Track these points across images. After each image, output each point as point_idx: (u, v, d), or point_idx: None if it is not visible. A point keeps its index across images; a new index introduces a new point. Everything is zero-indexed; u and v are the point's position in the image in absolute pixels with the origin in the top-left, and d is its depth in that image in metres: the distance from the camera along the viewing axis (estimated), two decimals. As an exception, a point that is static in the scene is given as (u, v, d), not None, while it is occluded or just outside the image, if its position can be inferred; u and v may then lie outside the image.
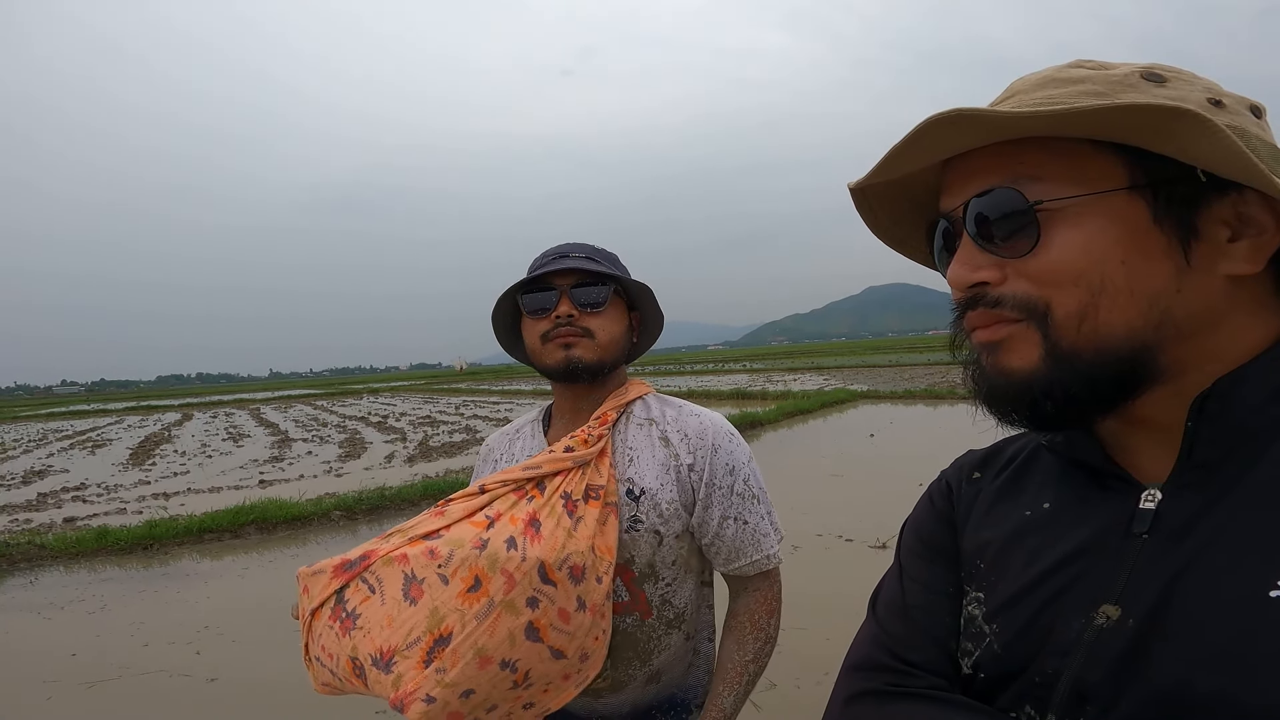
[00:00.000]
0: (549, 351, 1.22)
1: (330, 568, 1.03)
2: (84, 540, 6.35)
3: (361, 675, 0.97)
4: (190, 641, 4.19)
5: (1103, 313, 0.49)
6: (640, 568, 1.19)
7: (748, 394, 18.25)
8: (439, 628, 0.95)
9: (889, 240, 0.64)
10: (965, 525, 0.65)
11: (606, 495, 1.15)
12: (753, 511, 1.22)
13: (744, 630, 1.22)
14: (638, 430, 1.25)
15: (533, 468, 1.15)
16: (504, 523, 1.06)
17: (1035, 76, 0.53)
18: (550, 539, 1.06)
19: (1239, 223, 0.49)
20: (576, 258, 1.23)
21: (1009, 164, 0.51)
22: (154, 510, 7.88)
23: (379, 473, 9.68)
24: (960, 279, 0.53)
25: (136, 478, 10.79)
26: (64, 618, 4.80)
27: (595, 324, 1.22)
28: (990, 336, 0.53)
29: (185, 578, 5.59)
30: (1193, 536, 0.48)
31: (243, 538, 6.60)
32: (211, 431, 18.80)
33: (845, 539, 5.21)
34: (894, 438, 10.01)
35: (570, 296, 1.21)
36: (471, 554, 1.00)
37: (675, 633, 1.24)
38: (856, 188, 0.59)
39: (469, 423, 16.20)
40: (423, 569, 0.99)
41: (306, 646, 1.05)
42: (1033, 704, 0.52)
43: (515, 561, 1.01)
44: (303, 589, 1.06)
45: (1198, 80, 0.51)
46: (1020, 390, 0.52)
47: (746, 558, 1.21)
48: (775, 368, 35.64)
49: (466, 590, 0.98)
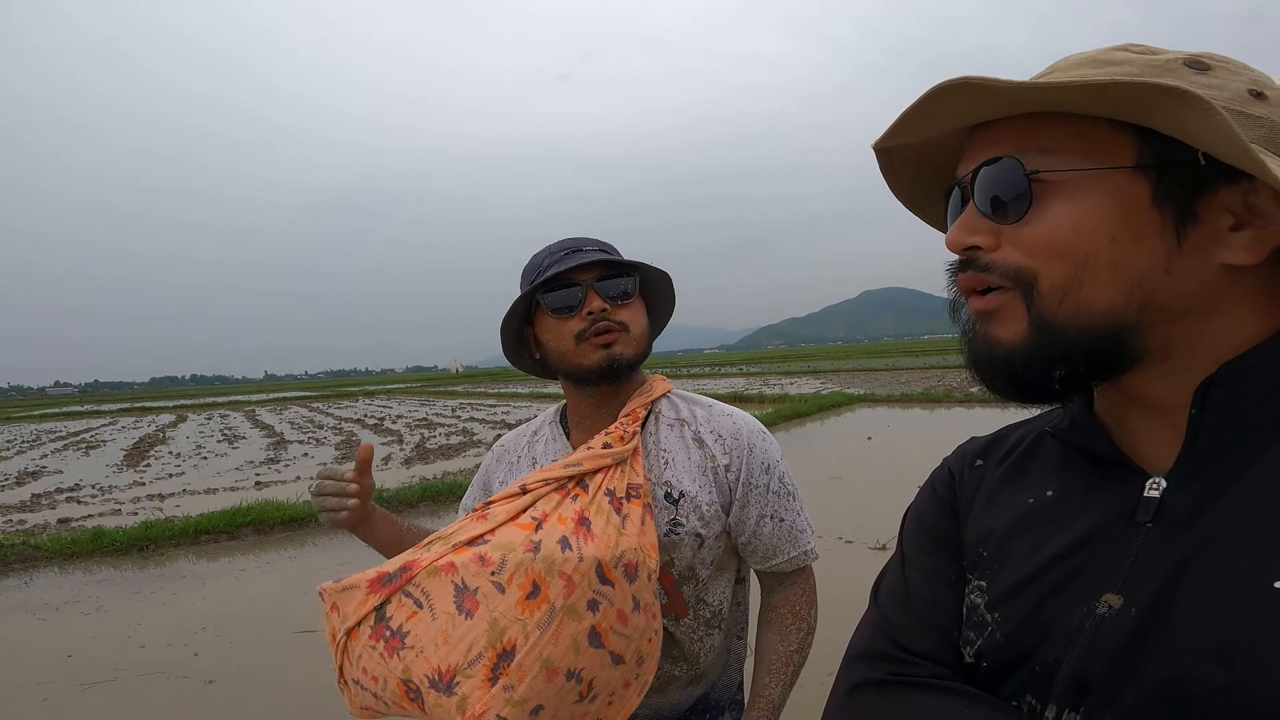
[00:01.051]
0: (584, 352, 1.15)
1: (365, 583, 0.95)
2: (79, 541, 6.31)
3: (418, 699, 0.89)
4: (187, 643, 4.17)
5: (1085, 288, 0.49)
6: (680, 570, 1.16)
7: (745, 397, 18.23)
8: (501, 641, 0.88)
9: (907, 202, 0.65)
10: (968, 513, 0.65)
11: (644, 495, 1.11)
12: (788, 509, 1.20)
13: (785, 621, 1.19)
14: (669, 431, 1.21)
15: (573, 464, 1.10)
16: (553, 523, 1.00)
17: (1079, 56, 0.53)
18: (603, 537, 1.00)
19: (1246, 212, 0.48)
20: (591, 251, 1.18)
21: (1025, 136, 0.52)
22: (149, 511, 7.85)
23: (376, 475, 9.51)
24: (956, 241, 0.54)
25: (131, 479, 10.74)
26: (59, 619, 4.77)
27: (628, 316, 1.18)
28: (984, 306, 0.54)
29: (182, 579, 5.56)
30: (1197, 526, 0.48)
31: (239, 539, 6.57)
32: (206, 433, 18.71)
33: (845, 541, 5.22)
34: (892, 440, 10.01)
35: (597, 290, 1.16)
36: (526, 557, 0.93)
37: (715, 632, 1.22)
38: (880, 148, 0.60)
39: (466, 425, 16.16)
40: (474, 578, 0.92)
41: (341, 669, 0.97)
42: (1034, 693, 0.51)
43: (573, 562, 0.95)
44: (330, 607, 0.97)
45: (1246, 71, 0.50)
46: (1001, 360, 0.52)
47: (784, 554, 1.19)
48: (772, 371, 35.66)
49: (525, 597, 0.91)
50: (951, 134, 0.57)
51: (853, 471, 7.88)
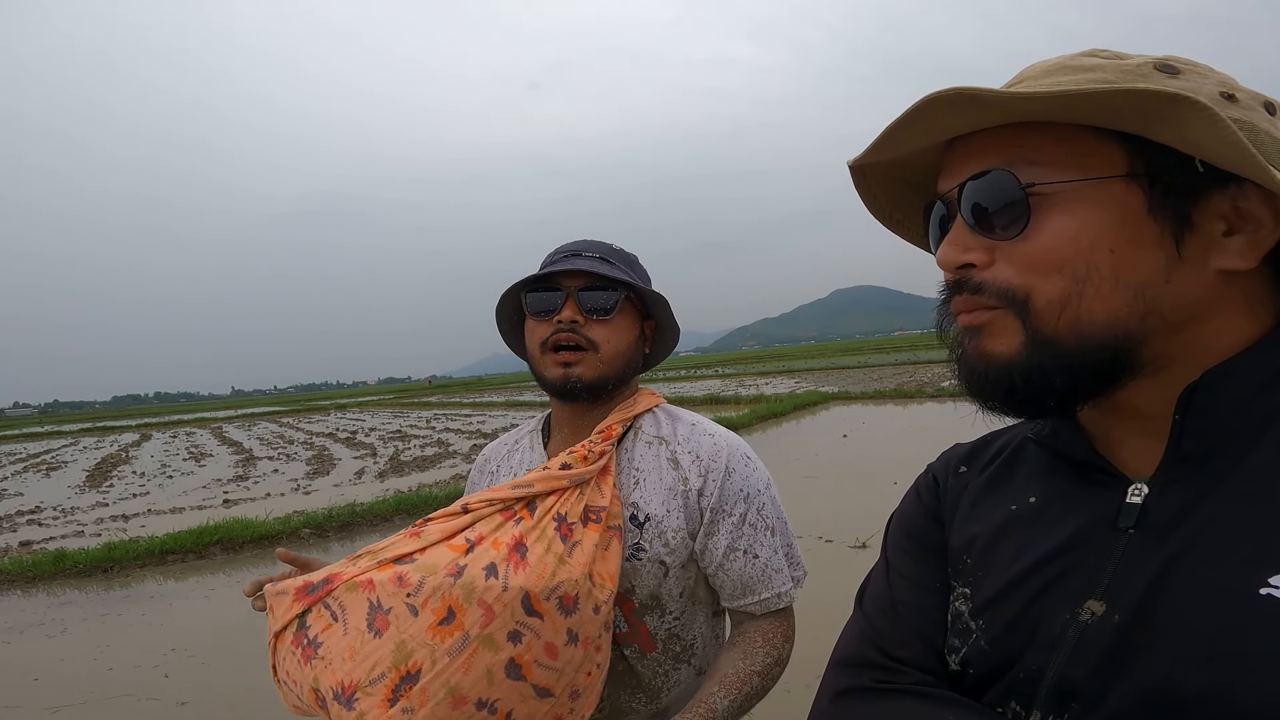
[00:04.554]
0: (547, 364, 1.12)
1: (293, 589, 0.96)
2: (40, 564, 6.14)
3: (324, 707, 0.91)
4: (157, 664, 4.07)
5: (1086, 301, 0.48)
6: (642, 598, 1.09)
7: (721, 399, 18.31)
8: (406, 663, 0.87)
9: (886, 221, 0.64)
10: (952, 520, 0.64)
11: (609, 518, 1.05)
12: (764, 544, 1.09)
13: (754, 644, 1.08)
14: (646, 449, 1.14)
15: (523, 486, 1.05)
16: (485, 547, 0.97)
17: (1047, 63, 0.52)
18: (538, 566, 0.96)
19: (1236, 217, 0.48)
20: (589, 257, 1.13)
21: (1009, 147, 0.50)
22: (113, 532, 7.64)
23: (349, 489, 9.49)
24: (949, 259, 0.53)
25: (94, 500, 10.45)
26: (24, 642, 4.63)
27: (600, 334, 1.11)
28: (972, 321, 0.52)
29: (149, 599, 5.42)
30: (1179, 531, 0.47)
31: (208, 558, 6.42)
32: (172, 451, 18.27)
33: (825, 540, 5.24)
34: (867, 437, 10.10)
35: (577, 300, 1.11)
36: (445, 582, 0.91)
37: (685, 667, 1.14)
38: (856, 165, 0.58)
39: (441, 436, 15.99)
40: (389, 597, 0.91)
41: (274, 668, 0.99)
42: (1019, 700, 0.51)
43: (495, 591, 0.92)
44: (269, 607, 1.00)
45: (1213, 74, 0.50)
46: (999, 375, 0.51)
47: (754, 595, 1.09)
48: (747, 372, 35.86)
49: (438, 623, 0.89)
50: (929, 148, 0.56)
51: (829, 470, 7.93)
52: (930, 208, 0.58)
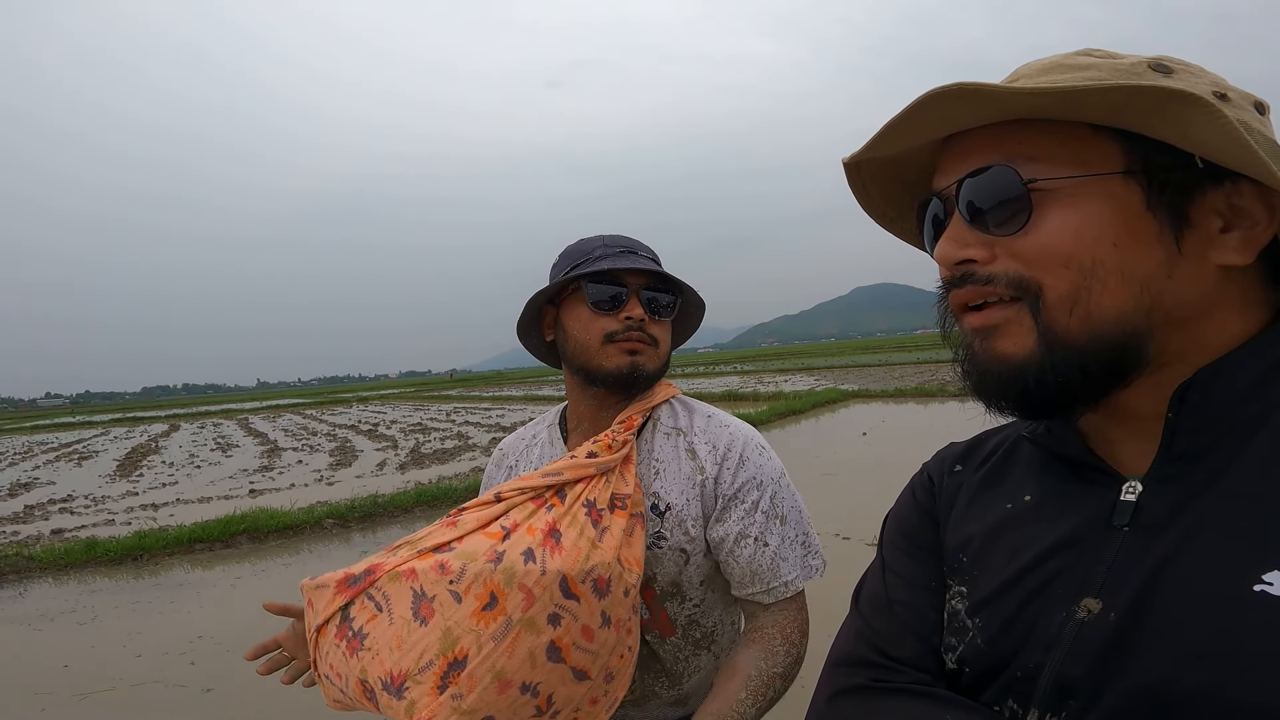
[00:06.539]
0: (609, 354, 1.12)
1: (334, 582, 0.98)
2: (72, 552, 6.27)
3: (373, 698, 0.92)
4: (184, 652, 4.15)
5: (1095, 295, 0.48)
6: (663, 586, 1.12)
7: (739, 395, 18.24)
8: (453, 650, 0.89)
9: (879, 218, 0.64)
10: (947, 519, 0.64)
11: (633, 505, 1.07)
12: (775, 533, 1.11)
13: (774, 641, 1.08)
14: (664, 440, 1.16)
15: (553, 474, 1.07)
16: (521, 533, 0.99)
17: (1041, 62, 0.53)
18: (572, 550, 0.98)
19: (1232, 214, 0.48)
20: (644, 257, 1.15)
21: (1007, 144, 0.51)
22: (143, 521, 7.79)
23: (371, 480, 9.60)
24: (948, 255, 0.53)
25: (124, 489, 10.66)
26: (54, 629, 4.73)
27: (660, 333, 1.15)
28: (984, 322, 0.52)
29: (177, 588, 5.53)
30: (1173, 529, 0.48)
31: (234, 547, 6.53)
32: (199, 442, 18.59)
33: (842, 537, 5.22)
34: (886, 436, 10.02)
35: (640, 299, 1.13)
36: (486, 568, 0.93)
37: (705, 654, 1.17)
38: (851, 163, 0.58)
39: (461, 429, 16.11)
40: (433, 585, 0.92)
41: (315, 663, 1.01)
42: (1016, 699, 0.51)
43: (534, 575, 0.93)
44: (307, 602, 1.01)
45: (1205, 74, 0.51)
46: (1013, 376, 0.51)
47: (762, 584, 1.10)
48: (766, 369, 35.62)
49: (481, 608, 0.91)
50: (923, 146, 0.56)
51: (848, 468, 7.89)
52: (925, 205, 0.58)
